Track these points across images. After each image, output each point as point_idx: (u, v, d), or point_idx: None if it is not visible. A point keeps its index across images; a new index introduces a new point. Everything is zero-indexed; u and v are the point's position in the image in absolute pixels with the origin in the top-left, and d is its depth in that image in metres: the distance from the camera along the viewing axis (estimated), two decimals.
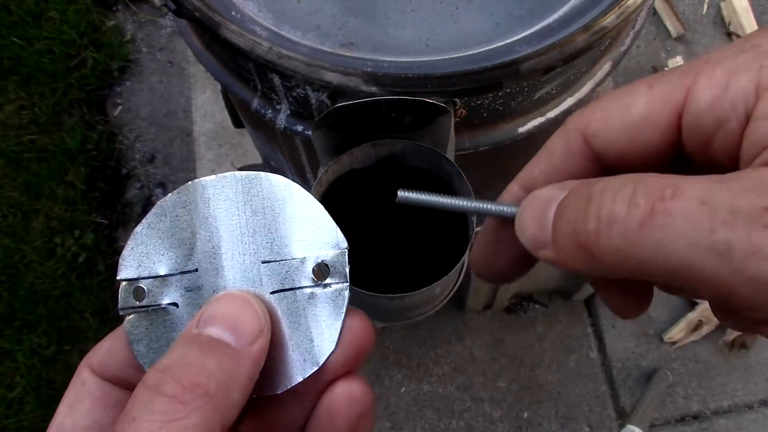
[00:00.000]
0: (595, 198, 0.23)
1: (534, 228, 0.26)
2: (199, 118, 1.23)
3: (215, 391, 0.24)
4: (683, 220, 0.21)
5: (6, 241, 1.47)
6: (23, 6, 1.61)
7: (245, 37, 0.51)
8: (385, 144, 0.49)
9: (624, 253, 0.22)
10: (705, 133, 0.25)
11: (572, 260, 0.24)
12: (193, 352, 0.26)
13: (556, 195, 0.26)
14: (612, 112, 0.27)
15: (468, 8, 0.56)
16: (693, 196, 0.21)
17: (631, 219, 0.22)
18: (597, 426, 1.29)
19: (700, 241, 0.21)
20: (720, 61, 0.25)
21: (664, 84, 0.26)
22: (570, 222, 0.24)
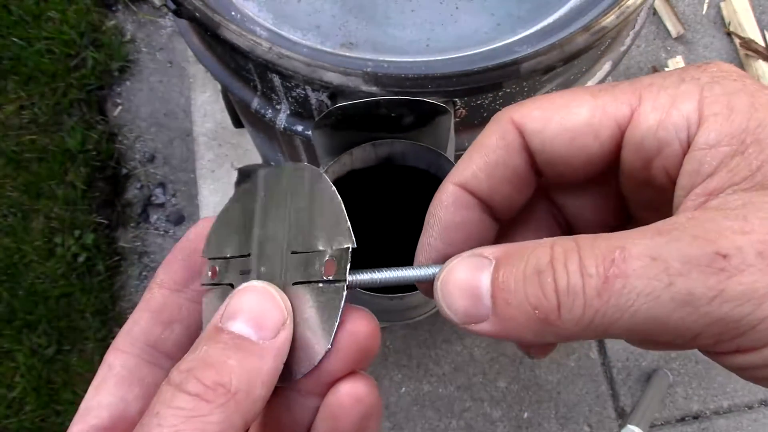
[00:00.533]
0: (546, 270, 0.23)
1: (466, 303, 0.25)
2: (199, 118, 1.23)
3: (237, 389, 0.25)
4: (639, 278, 0.22)
5: (6, 241, 1.47)
6: (23, 6, 1.61)
7: (245, 37, 0.51)
8: (385, 144, 0.49)
9: (587, 321, 0.23)
10: (647, 154, 0.25)
11: (522, 332, 0.24)
12: (216, 350, 0.26)
13: (480, 265, 0.25)
14: (552, 112, 0.27)
15: (468, 8, 0.56)
16: (642, 254, 0.22)
17: (588, 289, 0.22)
18: (597, 426, 1.29)
19: (660, 295, 0.21)
20: (664, 87, 0.25)
21: (609, 98, 0.26)
22: (523, 296, 0.24)
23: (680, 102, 0.25)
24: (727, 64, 0.26)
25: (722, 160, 0.23)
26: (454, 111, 0.53)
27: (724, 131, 0.24)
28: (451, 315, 0.26)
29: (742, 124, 0.24)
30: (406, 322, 1.27)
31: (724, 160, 0.23)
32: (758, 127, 0.23)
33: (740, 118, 0.24)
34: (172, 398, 0.24)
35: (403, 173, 0.53)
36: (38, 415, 1.36)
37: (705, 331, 0.22)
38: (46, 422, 1.37)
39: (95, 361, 1.39)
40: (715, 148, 0.24)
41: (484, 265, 0.25)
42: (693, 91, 0.25)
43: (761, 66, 1.48)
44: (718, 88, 0.25)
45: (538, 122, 0.27)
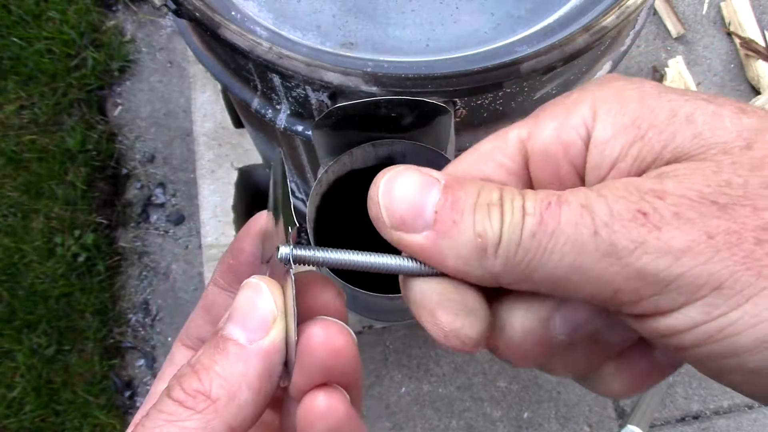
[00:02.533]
0: (496, 204, 0.24)
1: (405, 210, 0.26)
2: (199, 118, 1.23)
3: (217, 396, 0.25)
4: (568, 224, 0.23)
5: (6, 241, 1.47)
6: (23, 6, 1.61)
7: (245, 37, 0.51)
8: (385, 144, 0.49)
9: (518, 260, 0.24)
10: (553, 161, 0.27)
11: (453, 255, 0.25)
12: (207, 354, 0.27)
13: (428, 182, 0.26)
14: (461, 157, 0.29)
15: (468, 8, 0.56)
16: (574, 201, 0.23)
17: (525, 229, 0.24)
18: (597, 426, 1.29)
19: (586, 243, 0.23)
20: (557, 103, 0.27)
21: (507, 128, 0.28)
22: (471, 221, 0.25)
23: (574, 107, 0.26)
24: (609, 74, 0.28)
25: (621, 148, 0.24)
26: (454, 111, 0.53)
27: (618, 122, 0.25)
28: (386, 216, 0.26)
29: (634, 114, 0.25)
30: (406, 322, 1.27)
31: (623, 149, 0.24)
32: (652, 113, 0.24)
33: (632, 108, 0.25)
34: (161, 402, 0.26)
35: None
36: (38, 415, 1.36)
37: (625, 286, 0.22)
38: (46, 422, 1.37)
39: (95, 361, 1.39)
40: (612, 140, 0.25)
41: (433, 183, 0.26)
42: (584, 96, 0.26)
43: (761, 66, 1.48)
44: (606, 88, 0.26)
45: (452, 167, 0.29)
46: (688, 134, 0.24)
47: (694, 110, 0.24)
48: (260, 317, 0.27)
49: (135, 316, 1.44)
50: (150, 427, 0.25)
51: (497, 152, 0.28)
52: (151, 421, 0.25)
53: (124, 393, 1.40)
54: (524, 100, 0.57)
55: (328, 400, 0.27)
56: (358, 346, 0.28)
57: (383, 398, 1.30)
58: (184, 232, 1.49)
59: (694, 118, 0.24)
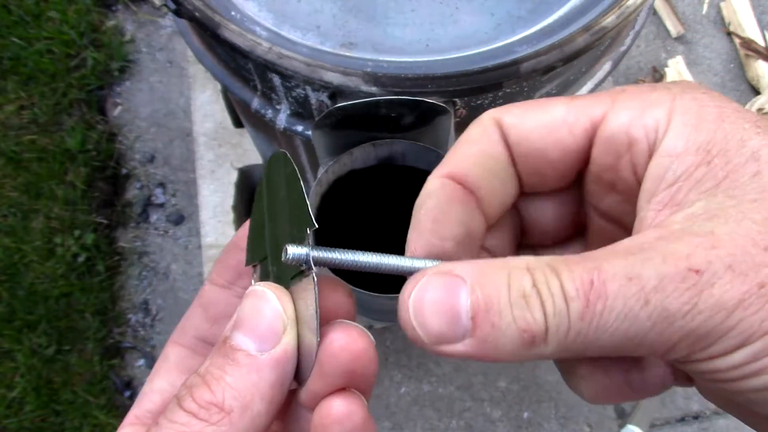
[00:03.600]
0: (532, 294, 0.24)
1: (441, 323, 0.25)
2: (199, 118, 1.23)
3: (230, 408, 0.25)
4: (617, 299, 0.22)
5: (6, 241, 1.47)
6: (23, 6, 1.61)
7: (245, 37, 0.51)
8: (385, 144, 0.49)
9: (570, 342, 0.23)
10: (616, 151, 0.27)
11: (501, 353, 0.24)
12: (216, 365, 0.26)
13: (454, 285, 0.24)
14: (530, 111, 0.28)
15: (468, 8, 0.56)
16: (618, 274, 0.23)
17: (572, 313, 0.23)
18: (597, 426, 1.29)
19: (638, 314, 0.22)
20: (636, 93, 0.27)
21: (584, 100, 0.27)
22: (511, 319, 0.24)
23: (652, 106, 0.26)
24: (696, 83, 0.27)
25: (687, 169, 0.24)
26: (454, 111, 0.53)
27: (691, 140, 0.24)
28: (422, 335, 0.25)
29: (709, 135, 0.24)
30: None
31: (689, 169, 0.24)
32: (724, 139, 0.24)
33: (708, 128, 0.24)
34: (172, 412, 0.25)
35: (403, 173, 0.53)
36: (38, 415, 1.36)
37: (679, 343, 0.23)
38: (46, 422, 1.37)
39: (95, 361, 1.40)
40: (681, 156, 0.24)
41: (459, 285, 0.24)
42: (664, 98, 0.26)
43: (761, 66, 1.48)
44: (688, 98, 0.25)
45: (516, 117, 0.28)
46: (749, 171, 0.24)
47: (762, 147, 0.24)
48: (270, 326, 0.26)
49: (135, 316, 1.44)
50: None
51: (564, 129, 0.27)
52: (163, 430, 0.25)
53: (124, 393, 1.40)
54: (524, 100, 0.57)
55: (346, 405, 0.26)
56: None
57: (383, 398, 1.30)
58: (184, 232, 1.49)
59: (759, 155, 0.24)
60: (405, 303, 0.26)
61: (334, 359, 0.26)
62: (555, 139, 0.27)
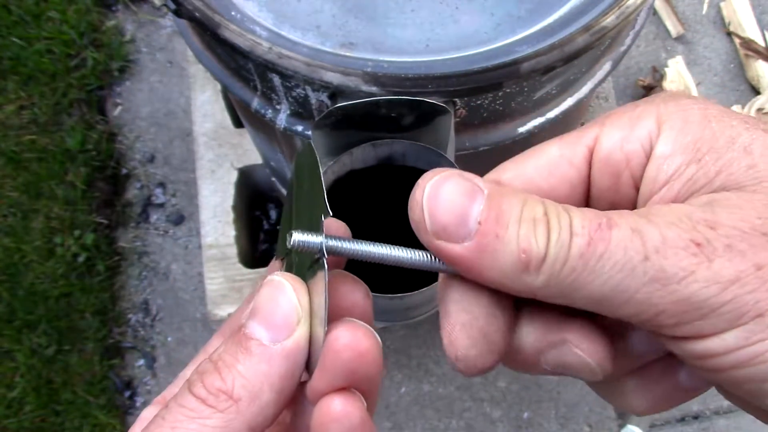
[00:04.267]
0: (541, 219, 0.24)
1: (449, 219, 0.25)
2: (199, 118, 1.23)
3: (239, 396, 0.25)
4: (618, 247, 0.23)
5: (6, 241, 1.47)
6: (23, 6, 1.61)
7: (245, 37, 0.51)
8: (385, 144, 0.49)
9: (562, 278, 0.24)
10: (615, 169, 0.27)
11: (494, 268, 0.25)
12: (230, 352, 0.26)
13: (472, 190, 0.25)
14: (525, 160, 0.28)
15: (468, 8, 0.56)
16: (624, 225, 0.23)
17: (573, 248, 0.23)
18: (597, 426, 1.29)
19: (635, 267, 0.23)
20: (623, 112, 0.28)
21: (573, 134, 0.28)
22: (515, 236, 0.24)
23: (640, 119, 0.27)
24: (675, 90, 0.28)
25: (677, 168, 0.25)
26: (454, 111, 0.53)
27: (678, 141, 0.25)
28: (429, 223, 0.25)
29: (696, 135, 0.25)
30: (406, 322, 1.27)
31: (679, 168, 0.25)
32: (713, 137, 0.25)
33: (694, 129, 0.25)
34: (181, 396, 0.26)
35: (403, 173, 0.53)
36: (38, 415, 1.36)
37: (669, 309, 0.23)
38: (45, 422, 1.37)
39: (95, 361, 1.40)
40: (671, 157, 0.25)
41: (477, 192, 0.25)
42: (650, 110, 0.27)
43: (761, 66, 1.48)
44: (672, 105, 0.26)
45: (513, 171, 0.28)
46: (744, 164, 0.24)
47: (753, 141, 0.25)
48: (284, 317, 0.27)
49: (135, 316, 1.44)
50: (171, 420, 0.25)
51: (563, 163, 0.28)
52: (171, 414, 0.25)
53: (124, 393, 1.40)
54: (524, 100, 0.57)
55: (344, 405, 0.26)
56: None
57: (383, 398, 1.30)
58: (184, 232, 1.49)
59: (752, 149, 0.24)
60: (421, 187, 0.26)
61: (335, 355, 0.26)
62: (558, 177, 0.28)
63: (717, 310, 0.22)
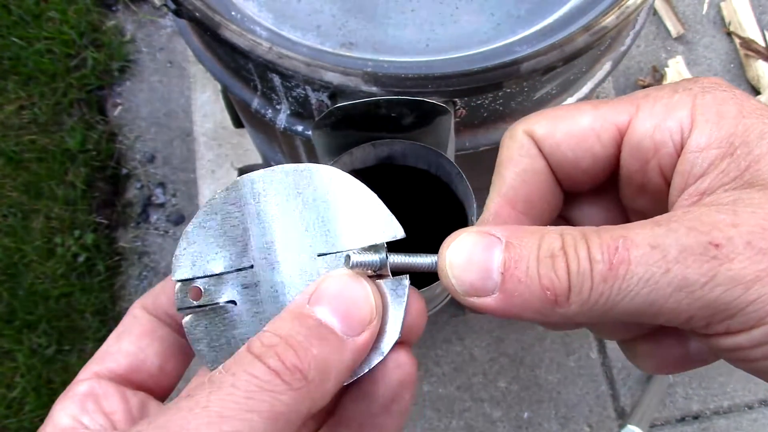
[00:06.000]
0: (559, 255, 0.25)
1: (474, 277, 0.26)
2: (199, 118, 1.23)
3: (312, 378, 0.26)
4: (639, 265, 0.24)
5: (6, 241, 1.47)
6: (23, 6, 1.61)
7: (245, 37, 0.51)
8: (385, 144, 0.49)
9: (592, 303, 0.24)
10: (644, 155, 0.28)
11: (526, 310, 0.26)
12: (300, 334, 0.26)
13: (490, 243, 0.26)
14: (559, 120, 0.29)
15: (468, 8, 0.56)
16: (643, 242, 0.24)
17: (595, 274, 0.24)
18: (597, 426, 1.29)
19: (659, 281, 0.23)
20: (659, 98, 0.28)
21: (609, 107, 0.29)
22: (536, 277, 0.25)
23: (674, 109, 0.27)
24: (716, 78, 0.28)
25: (712, 161, 0.26)
26: (454, 111, 0.53)
27: (714, 135, 0.26)
28: (457, 286, 0.27)
29: (730, 129, 0.26)
30: None
31: (714, 162, 0.26)
32: (746, 131, 0.25)
33: (729, 123, 0.26)
34: (251, 365, 0.25)
35: (403, 173, 0.53)
36: (38, 415, 1.36)
37: (698, 314, 0.24)
38: None
39: None
40: (705, 150, 0.26)
41: (495, 244, 0.26)
42: (686, 100, 0.27)
43: (761, 66, 1.48)
44: (709, 97, 0.27)
45: (546, 129, 0.29)
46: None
47: None
48: (361, 314, 0.28)
49: None
50: (243, 389, 0.24)
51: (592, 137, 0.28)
52: (240, 381, 0.24)
53: None
54: (524, 100, 0.57)
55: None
56: None
57: None
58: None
59: None
60: (443, 254, 0.28)
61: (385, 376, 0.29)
62: (584, 148, 0.29)
63: (743, 310, 0.23)
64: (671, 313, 0.24)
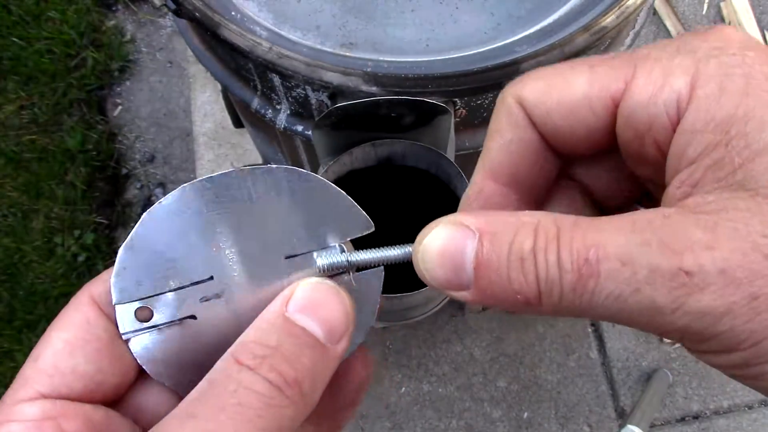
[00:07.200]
0: (528, 258, 0.24)
1: (448, 274, 0.25)
2: (199, 118, 1.23)
3: (306, 390, 0.25)
4: (608, 280, 0.22)
5: (6, 241, 1.47)
6: (23, 6, 1.61)
7: (245, 37, 0.51)
8: (385, 144, 0.49)
9: (564, 307, 0.24)
10: (638, 128, 0.25)
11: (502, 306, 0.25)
12: (290, 343, 0.26)
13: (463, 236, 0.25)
14: (552, 86, 0.27)
15: (468, 8, 0.56)
16: (614, 256, 0.22)
17: (564, 283, 0.23)
18: (597, 426, 1.29)
19: (626, 299, 0.22)
20: (658, 59, 0.25)
21: (606, 68, 0.26)
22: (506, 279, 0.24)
23: (673, 76, 0.24)
24: (731, 29, 0.25)
25: (705, 147, 0.23)
26: (454, 111, 0.53)
27: (710, 116, 0.23)
28: (432, 280, 0.26)
29: (729, 110, 0.23)
30: (406, 322, 1.27)
31: (707, 149, 0.23)
32: (746, 117, 0.23)
33: (729, 103, 0.23)
34: (251, 381, 0.24)
35: (403, 173, 0.53)
36: None
37: (671, 334, 0.23)
38: None
39: None
40: (700, 133, 0.23)
41: (467, 237, 0.25)
42: (687, 65, 0.24)
43: None
44: (713, 64, 0.24)
45: (537, 97, 0.27)
46: (765, 162, 0.22)
47: None
48: (340, 322, 0.27)
49: None
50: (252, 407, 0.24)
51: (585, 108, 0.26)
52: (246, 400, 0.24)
53: None
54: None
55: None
56: None
57: (383, 398, 1.30)
58: None
59: None
60: (416, 250, 0.27)
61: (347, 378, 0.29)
62: (578, 119, 0.27)
63: (714, 338, 0.22)
64: (645, 328, 0.23)
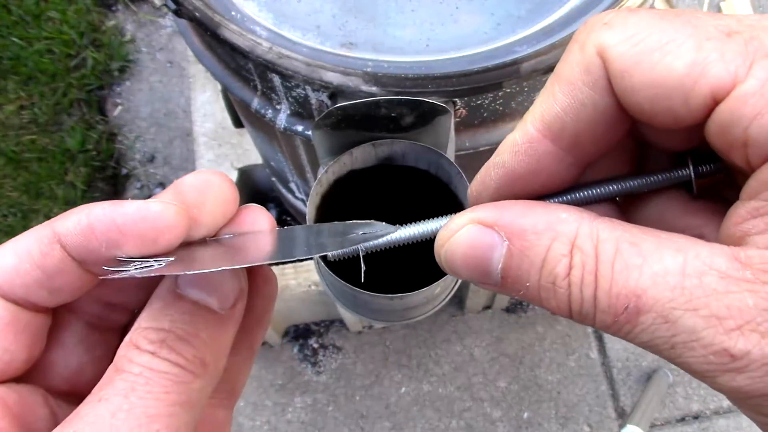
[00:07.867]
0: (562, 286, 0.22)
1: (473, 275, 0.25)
2: (199, 118, 1.23)
3: (209, 362, 0.26)
4: (645, 332, 0.21)
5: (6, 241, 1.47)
6: (23, 6, 1.61)
7: (245, 37, 0.51)
8: (385, 144, 0.49)
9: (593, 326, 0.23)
10: (731, 140, 0.21)
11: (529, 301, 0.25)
12: (183, 320, 0.26)
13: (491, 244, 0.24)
14: (644, 53, 0.22)
15: (468, 8, 0.56)
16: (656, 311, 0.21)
17: (598, 318, 0.22)
18: (597, 426, 1.29)
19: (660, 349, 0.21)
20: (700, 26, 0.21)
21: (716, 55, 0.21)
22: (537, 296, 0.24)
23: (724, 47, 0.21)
24: None
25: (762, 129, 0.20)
26: (454, 111, 0.53)
27: None
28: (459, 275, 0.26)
29: None
30: (406, 322, 1.27)
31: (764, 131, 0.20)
32: None
33: None
34: (153, 363, 0.25)
35: (403, 173, 0.53)
36: None
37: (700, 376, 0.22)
38: None
39: None
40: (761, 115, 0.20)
41: (495, 245, 0.24)
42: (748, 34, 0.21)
43: None
44: None
45: (626, 63, 0.22)
46: None
47: None
48: (233, 289, 0.28)
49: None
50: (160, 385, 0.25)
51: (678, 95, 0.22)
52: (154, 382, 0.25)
53: None
54: (524, 100, 0.57)
55: None
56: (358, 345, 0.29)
57: (383, 398, 1.30)
58: None
59: None
60: (438, 252, 0.26)
61: None
62: (666, 106, 0.22)
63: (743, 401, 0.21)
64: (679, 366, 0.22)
